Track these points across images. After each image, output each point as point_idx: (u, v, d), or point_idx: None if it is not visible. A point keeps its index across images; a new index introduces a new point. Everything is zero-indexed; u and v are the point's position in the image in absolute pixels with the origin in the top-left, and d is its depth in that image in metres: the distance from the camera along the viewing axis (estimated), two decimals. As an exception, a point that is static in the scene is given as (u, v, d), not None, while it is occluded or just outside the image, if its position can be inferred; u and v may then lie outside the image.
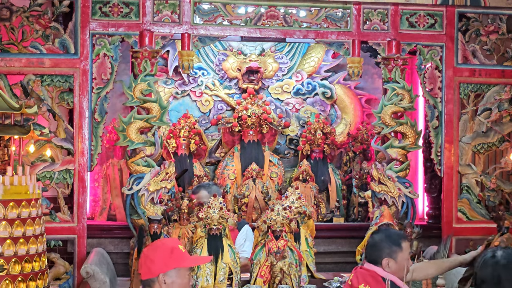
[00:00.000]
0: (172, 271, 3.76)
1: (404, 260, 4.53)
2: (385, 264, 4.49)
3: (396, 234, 4.68)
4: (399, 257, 4.52)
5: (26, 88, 6.48)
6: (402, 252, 4.53)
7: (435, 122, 6.95)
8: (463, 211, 7.02)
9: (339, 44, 6.85)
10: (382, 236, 4.60)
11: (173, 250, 3.77)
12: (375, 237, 4.60)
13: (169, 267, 3.76)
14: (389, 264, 4.49)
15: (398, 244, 4.56)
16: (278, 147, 8.32)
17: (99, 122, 6.53)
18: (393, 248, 4.52)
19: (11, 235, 4.90)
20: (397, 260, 4.52)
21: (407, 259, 4.56)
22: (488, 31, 7.08)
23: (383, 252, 4.51)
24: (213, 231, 5.91)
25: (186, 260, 3.79)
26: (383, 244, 4.54)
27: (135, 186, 6.31)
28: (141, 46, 6.53)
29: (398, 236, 4.63)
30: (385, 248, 4.52)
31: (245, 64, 8.20)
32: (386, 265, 4.49)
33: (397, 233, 4.70)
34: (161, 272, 3.75)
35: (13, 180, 4.99)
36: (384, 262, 4.50)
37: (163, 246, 3.83)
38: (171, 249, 3.78)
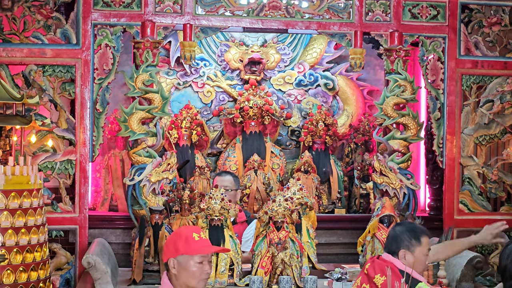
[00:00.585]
0: (180, 257, 3.86)
1: (422, 255, 4.60)
2: (401, 255, 4.56)
3: (418, 228, 4.72)
4: (416, 251, 4.58)
5: (27, 78, 6.48)
6: (421, 247, 4.59)
7: (437, 114, 6.94)
8: (465, 203, 7.02)
9: (341, 35, 6.84)
10: (403, 229, 4.66)
11: (187, 238, 3.87)
12: (396, 229, 4.68)
13: (178, 253, 3.85)
14: (406, 256, 4.56)
15: (417, 238, 4.61)
16: (280, 138, 8.32)
17: (100, 112, 6.53)
18: (412, 242, 4.59)
19: (13, 225, 4.93)
20: (414, 253, 4.58)
21: (425, 254, 4.63)
22: (491, 23, 7.07)
23: (402, 244, 4.59)
24: (215, 222, 5.92)
25: (194, 249, 3.85)
26: (403, 236, 4.61)
27: (136, 176, 6.31)
28: (143, 37, 6.52)
29: (419, 230, 4.68)
30: (404, 240, 4.59)
31: (247, 55, 8.19)
32: (403, 257, 4.55)
33: (419, 228, 4.74)
34: (171, 257, 3.86)
35: (14, 170, 5.01)
36: (401, 254, 4.57)
37: (179, 232, 3.97)
38: (185, 236, 3.89)
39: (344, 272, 5.83)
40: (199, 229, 4.04)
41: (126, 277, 6.17)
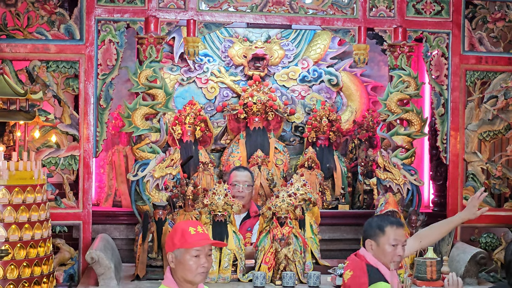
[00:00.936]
0: (177, 251, 3.87)
1: (386, 245, 4.55)
2: (368, 246, 4.59)
3: (386, 219, 4.70)
4: (380, 241, 4.56)
5: (31, 74, 6.49)
6: (384, 237, 4.55)
7: (441, 110, 6.94)
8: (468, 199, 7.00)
9: (345, 31, 6.83)
10: (372, 219, 4.72)
11: (183, 232, 3.89)
12: (368, 220, 4.72)
13: (174, 247, 3.87)
14: (372, 246, 4.57)
15: (381, 228, 4.59)
16: (283, 134, 8.32)
17: (104, 108, 6.53)
18: (376, 231, 4.58)
19: (16, 220, 4.93)
20: (379, 244, 4.57)
21: (390, 244, 4.55)
22: (495, 18, 7.05)
23: (368, 234, 4.62)
24: (218, 217, 5.93)
25: (189, 242, 3.87)
26: (369, 226, 4.65)
27: (140, 172, 6.31)
28: (146, 32, 6.53)
29: (386, 220, 4.65)
30: (370, 230, 4.62)
31: (251, 51, 8.18)
32: (369, 247, 4.58)
33: (388, 219, 4.70)
34: (169, 251, 3.90)
35: (18, 165, 5.01)
36: (367, 244, 4.59)
37: (177, 227, 4.00)
38: (181, 230, 3.90)
39: (347, 267, 5.83)
40: (197, 223, 4.03)
41: (130, 273, 6.18)
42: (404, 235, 4.71)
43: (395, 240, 4.57)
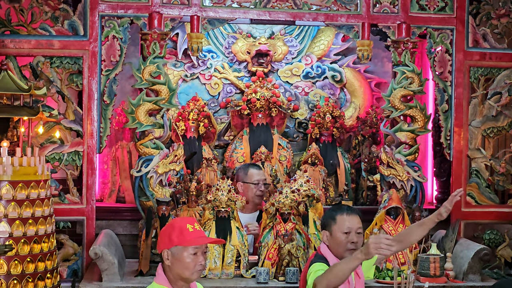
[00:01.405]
0: (174, 249, 3.82)
1: (338, 233, 4.57)
2: (323, 237, 4.62)
3: (336, 207, 4.76)
4: (333, 230, 4.58)
5: (35, 69, 6.50)
6: (336, 225, 4.57)
7: (444, 106, 6.93)
8: (472, 195, 7.01)
9: (349, 27, 6.83)
10: (327, 211, 4.75)
11: (181, 229, 3.84)
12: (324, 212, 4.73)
13: (172, 244, 3.82)
14: (327, 237, 4.59)
15: (332, 217, 4.60)
16: (287, 130, 8.31)
17: (108, 104, 6.54)
18: (328, 221, 4.61)
19: (20, 215, 4.94)
20: (331, 233, 4.58)
21: (342, 232, 4.58)
22: (499, 15, 7.05)
23: (322, 225, 4.67)
24: (222, 213, 5.94)
25: (188, 240, 3.83)
26: (323, 217, 4.70)
27: (143, 168, 6.32)
28: (150, 28, 6.53)
29: (337, 209, 4.68)
30: (323, 220, 4.67)
31: (255, 47, 8.18)
32: (325, 238, 4.60)
33: (337, 207, 4.76)
34: (165, 248, 3.84)
35: (22, 161, 5.02)
36: (323, 235, 4.62)
37: (174, 223, 3.94)
38: (179, 227, 3.86)
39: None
40: (193, 220, 4.01)
41: (133, 268, 6.19)
42: (358, 222, 4.68)
43: (347, 228, 4.56)
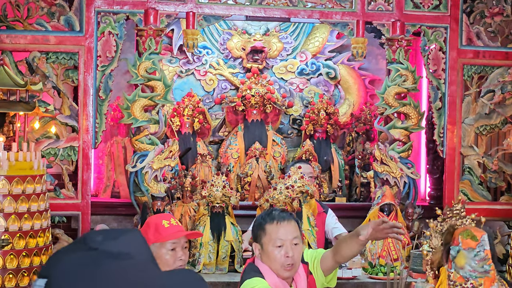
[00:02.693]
0: (152, 246, 3.74)
1: (269, 246, 3.58)
2: (255, 251, 3.67)
3: (266, 214, 3.73)
4: (264, 243, 3.60)
5: (31, 65, 6.51)
6: (266, 237, 3.60)
7: (438, 104, 6.97)
8: (465, 192, 7.05)
9: (344, 24, 6.86)
10: (257, 217, 3.82)
11: (157, 226, 3.77)
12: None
13: (149, 242, 3.74)
14: (259, 250, 3.63)
15: (261, 226, 3.64)
16: (281, 126, 8.35)
17: (103, 99, 6.56)
18: (258, 231, 3.65)
19: (16, 210, 4.96)
20: (263, 246, 3.60)
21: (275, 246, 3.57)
22: (493, 13, 7.08)
23: (253, 235, 3.74)
24: (216, 209, 5.96)
25: (164, 236, 3.74)
26: (253, 226, 3.79)
27: (139, 163, 6.35)
28: (146, 24, 6.55)
29: (266, 216, 3.69)
30: (254, 231, 3.74)
31: (250, 44, 8.21)
32: (258, 252, 3.64)
33: (267, 213, 3.73)
34: None
35: (18, 156, 5.04)
36: (255, 249, 3.68)
37: (149, 221, 3.85)
38: (154, 224, 3.78)
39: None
40: (169, 216, 3.94)
41: (128, 263, 6.21)
42: (293, 231, 3.61)
43: (280, 241, 3.55)
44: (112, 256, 1.45)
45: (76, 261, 1.45)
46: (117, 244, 1.49)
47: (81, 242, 1.50)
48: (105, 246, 1.47)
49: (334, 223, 6.30)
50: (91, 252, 1.46)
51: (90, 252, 1.46)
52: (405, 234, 6.18)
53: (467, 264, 2.42)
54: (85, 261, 1.45)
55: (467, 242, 2.39)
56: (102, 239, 1.49)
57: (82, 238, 1.51)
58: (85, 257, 1.45)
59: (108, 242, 1.48)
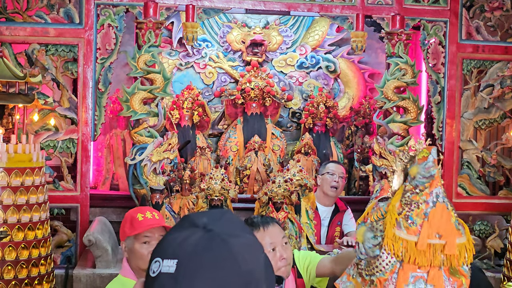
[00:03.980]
0: (128, 240, 3.73)
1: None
2: None
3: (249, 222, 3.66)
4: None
5: (30, 57, 6.50)
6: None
7: (437, 98, 6.97)
8: (463, 187, 7.06)
9: (343, 18, 6.86)
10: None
11: (132, 219, 3.74)
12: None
13: (125, 236, 3.74)
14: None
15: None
16: (280, 120, 8.35)
17: (103, 92, 6.56)
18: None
19: (15, 202, 4.96)
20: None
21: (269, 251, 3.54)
22: (493, 7, 7.08)
23: None
24: (215, 202, 5.97)
25: (136, 228, 3.71)
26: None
27: (138, 156, 6.35)
28: (145, 17, 6.54)
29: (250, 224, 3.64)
30: None
31: (249, 37, 8.21)
32: None
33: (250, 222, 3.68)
34: (122, 240, 3.77)
35: (17, 148, 5.04)
36: None
37: (126, 215, 3.79)
38: (130, 218, 3.75)
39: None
40: (146, 209, 3.89)
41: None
42: (280, 232, 3.67)
43: (271, 244, 3.58)
44: (227, 235, 1.53)
45: (199, 242, 1.52)
46: (223, 224, 1.57)
47: (191, 225, 1.57)
48: (216, 226, 1.55)
49: (348, 220, 6.33)
50: (208, 233, 1.53)
51: (207, 233, 1.53)
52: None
53: (418, 173, 2.67)
54: (207, 243, 1.52)
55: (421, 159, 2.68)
56: (209, 220, 1.56)
57: (189, 220, 1.58)
58: (205, 238, 1.52)
59: (216, 222, 1.56)
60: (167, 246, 1.57)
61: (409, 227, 2.61)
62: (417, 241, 2.58)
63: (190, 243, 1.53)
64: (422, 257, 2.61)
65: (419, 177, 2.67)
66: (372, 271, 2.68)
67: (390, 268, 2.65)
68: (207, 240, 1.53)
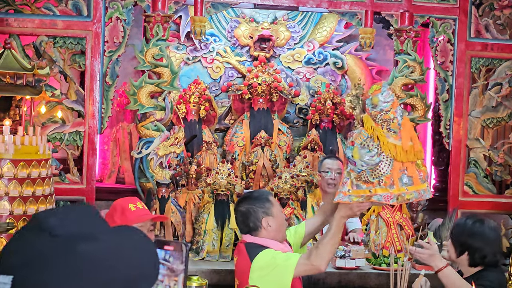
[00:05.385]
0: None
1: (279, 213, 4.30)
2: (265, 224, 4.21)
3: (260, 192, 4.59)
4: (274, 212, 4.23)
5: (38, 49, 6.51)
6: (274, 207, 4.26)
7: (445, 95, 6.96)
8: (470, 185, 7.04)
9: (352, 14, 6.84)
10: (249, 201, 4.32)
11: (123, 209, 3.74)
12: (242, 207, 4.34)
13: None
14: (269, 222, 4.20)
15: (267, 200, 4.28)
16: (287, 115, 8.34)
17: (110, 85, 6.56)
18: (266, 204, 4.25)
19: (21, 194, 4.97)
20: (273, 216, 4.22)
21: (281, 211, 4.41)
22: (502, 6, 7.05)
23: (259, 213, 4.23)
24: (221, 196, 5.97)
25: (130, 219, 3.73)
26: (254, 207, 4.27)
27: (144, 150, 6.35)
28: (153, 11, 6.54)
29: (264, 193, 4.47)
30: (259, 209, 4.24)
31: (257, 32, 8.19)
32: (267, 225, 4.20)
33: (261, 192, 4.64)
34: None
35: (23, 140, 5.05)
36: (263, 223, 4.21)
37: (116, 205, 3.81)
38: (121, 207, 3.75)
39: (347, 250, 5.88)
40: (135, 199, 3.92)
41: (132, 249, 6.22)
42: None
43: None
44: (77, 240, 1.30)
45: (41, 252, 1.28)
46: (76, 224, 1.33)
47: (37, 228, 1.33)
48: (65, 229, 1.31)
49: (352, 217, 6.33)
50: (54, 239, 1.29)
51: (52, 239, 1.29)
52: (409, 225, 6.18)
53: (379, 101, 3.72)
54: (51, 251, 1.28)
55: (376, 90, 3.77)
56: (59, 222, 1.32)
57: (36, 223, 1.34)
58: (49, 246, 1.29)
59: (66, 224, 1.32)
60: (5, 257, 1.31)
61: (392, 135, 3.74)
62: (401, 144, 3.76)
63: (31, 254, 1.28)
64: (405, 155, 3.79)
65: (381, 103, 3.73)
66: (378, 173, 3.76)
67: (390, 167, 3.78)
68: (50, 248, 1.28)
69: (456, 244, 4.47)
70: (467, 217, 4.61)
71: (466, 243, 4.42)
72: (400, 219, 6.15)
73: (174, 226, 5.95)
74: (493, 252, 4.41)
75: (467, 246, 4.42)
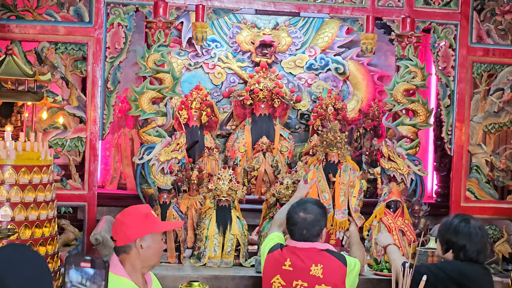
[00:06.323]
0: (148, 236, 3.73)
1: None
2: (323, 233, 4.53)
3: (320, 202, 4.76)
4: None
5: (40, 55, 6.51)
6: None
7: (446, 101, 6.95)
8: (472, 191, 7.03)
9: (353, 20, 6.84)
10: (316, 209, 4.54)
11: (147, 216, 3.75)
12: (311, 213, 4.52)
13: (145, 232, 3.73)
14: (323, 232, 4.53)
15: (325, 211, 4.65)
16: (289, 121, 8.34)
17: (111, 91, 6.56)
18: (325, 217, 4.59)
19: (22, 200, 4.96)
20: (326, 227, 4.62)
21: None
22: (504, 11, 7.05)
23: (322, 223, 4.52)
24: (222, 202, 5.96)
25: (160, 225, 3.80)
26: (320, 216, 4.52)
27: (146, 155, 6.35)
28: (155, 17, 6.54)
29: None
30: (322, 218, 4.53)
31: (259, 38, 8.20)
32: (324, 234, 4.54)
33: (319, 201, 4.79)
34: (138, 237, 3.72)
35: (25, 146, 5.04)
36: (323, 232, 4.53)
37: (137, 211, 3.81)
38: (145, 214, 3.76)
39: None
40: (149, 206, 3.96)
41: (133, 255, 6.21)
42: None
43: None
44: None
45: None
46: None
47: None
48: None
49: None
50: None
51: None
52: (411, 231, 6.17)
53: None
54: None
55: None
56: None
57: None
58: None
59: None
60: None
61: None
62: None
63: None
64: None
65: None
66: None
67: None
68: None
69: (443, 241, 4.60)
70: (454, 216, 4.68)
71: (451, 240, 4.55)
72: (402, 225, 6.14)
73: (176, 232, 5.94)
74: (476, 250, 4.49)
75: (452, 244, 4.54)
